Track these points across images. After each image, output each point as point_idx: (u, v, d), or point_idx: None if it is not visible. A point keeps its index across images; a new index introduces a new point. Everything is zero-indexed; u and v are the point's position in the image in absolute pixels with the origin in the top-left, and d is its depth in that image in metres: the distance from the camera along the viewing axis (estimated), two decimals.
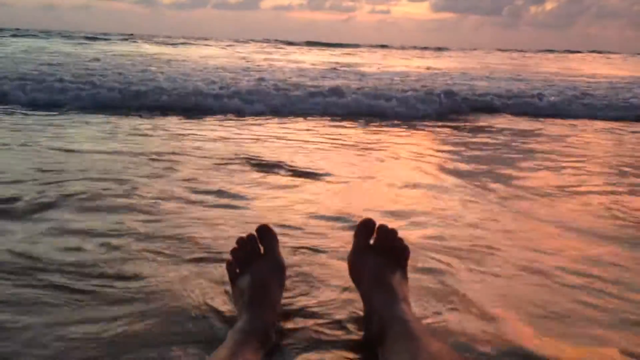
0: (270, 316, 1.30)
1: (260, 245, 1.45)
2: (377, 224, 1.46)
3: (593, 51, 40.66)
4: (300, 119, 5.68)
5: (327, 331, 1.39)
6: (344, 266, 1.52)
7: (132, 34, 31.61)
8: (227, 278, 1.48)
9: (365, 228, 1.46)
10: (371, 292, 1.33)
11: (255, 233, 1.46)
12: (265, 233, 1.46)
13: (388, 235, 1.43)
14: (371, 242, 1.46)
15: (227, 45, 22.02)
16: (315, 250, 1.95)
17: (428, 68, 14.26)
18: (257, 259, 1.42)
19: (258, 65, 11.60)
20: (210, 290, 1.58)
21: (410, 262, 1.44)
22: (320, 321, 1.43)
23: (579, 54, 35.40)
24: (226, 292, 1.56)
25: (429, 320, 1.44)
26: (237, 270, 1.43)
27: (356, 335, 1.37)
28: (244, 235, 1.46)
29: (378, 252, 1.41)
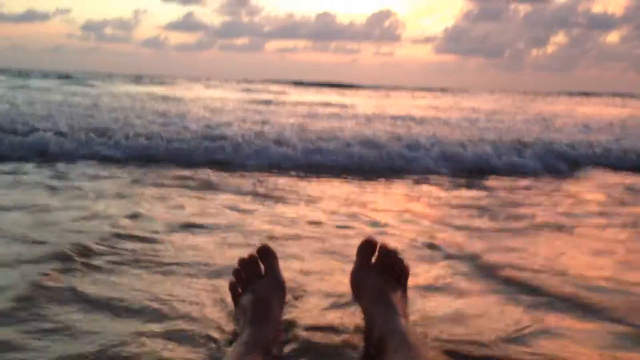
0: (272, 331, 1.34)
1: (261, 265, 1.50)
2: (379, 243, 1.50)
3: (587, 93, 40.68)
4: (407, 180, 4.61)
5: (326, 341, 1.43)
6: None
7: (139, 75, 32.16)
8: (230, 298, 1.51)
9: (367, 247, 1.50)
10: (372, 307, 1.38)
11: (256, 253, 1.51)
12: (265, 253, 1.51)
13: (389, 255, 1.48)
14: (373, 260, 1.50)
15: (242, 90, 21.68)
16: None
17: (473, 110, 13.91)
18: (259, 278, 1.47)
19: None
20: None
21: None
22: (319, 333, 1.47)
23: (599, 97, 34.27)
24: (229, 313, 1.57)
25: None
26: (240, 290, 1.47)
27: (353, 346, 1.40)
28: (245, 256, 1.51)
29: (379, 270, 1.46)
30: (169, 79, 29.58)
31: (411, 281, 1.55)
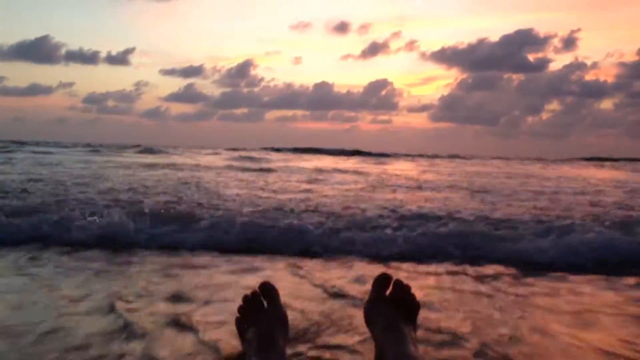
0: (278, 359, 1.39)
1: (263, 301, 1.57)
2: (394, 278, 1.56)
3: (593, 158, 40.54)
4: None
5: None
6: None
7: (139, 145, 32.70)
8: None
9: (382, 281, 1.56)
10: (384, 335, 1.43)
11: (258, 290, 1.58)
12: (267, 289, 1.57)
13: (403, 289, 1.54)
14: (387, 293, 1.56)
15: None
16: None
17: (508, 175, 13.29)
18: (262, 312, 1.54)
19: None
20: None
21: None
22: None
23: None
24: None
25: None
26: (245, 325, 1.52)
27: None
28: (248, 293, 1.58)
29: (392, 303, 1.52)
30: (170, 148, 29.88)
31: None
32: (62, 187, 6.15)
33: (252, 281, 2.54)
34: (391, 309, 1.49)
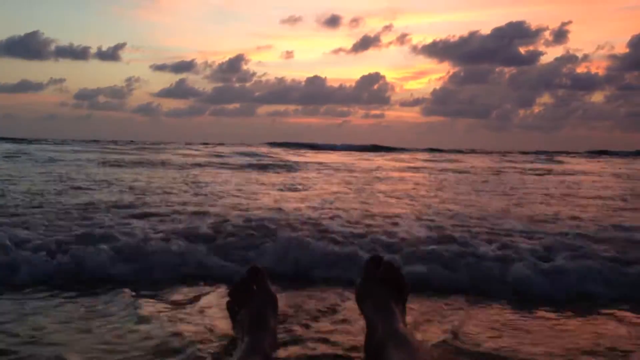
0: (268, 339, 1.44)
1: (253, 284, 1.63)
2: (384, 260, 1.64)
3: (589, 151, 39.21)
4: None
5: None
6: None
7: (132, 141, 32.60)
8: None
9: (373, 262, 1.64)
10: (374, 314, 1.48)
11: (247, 274, 1.64)
12: (256, 273, 1.64)
13: (393, 270, 1.61)
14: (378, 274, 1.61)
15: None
16: None
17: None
18: (252, 295, 1.60)
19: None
20: None
21: None
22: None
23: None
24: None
25: None
26: (236, 308, 1.59)
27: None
28: (238, 278, 1.66)
29: (383, 283, 1.57)
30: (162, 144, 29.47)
31: None
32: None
33: None
34: (382, 289, 1.55)
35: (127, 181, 6.45)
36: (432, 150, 36.65)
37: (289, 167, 11.03)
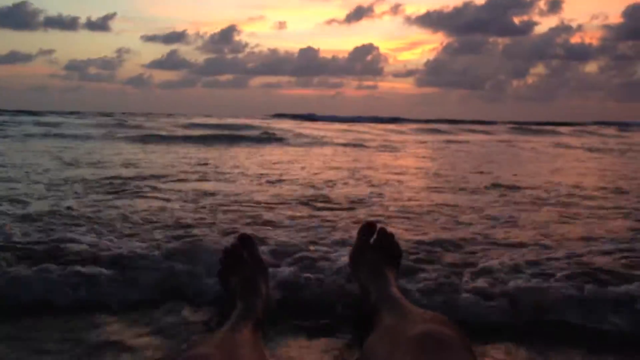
0: (260, 305, 1.45)
1: (243, 252, 1.63)
2: (379, 226, 1.65)
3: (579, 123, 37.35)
4: None
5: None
6: None
7: (124, 113, 32.23)
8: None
9: (367, 229, 1.64)
10: (368, 280, 1.51)
11: (237, 241, 1.64)
12: (246, 240, 1.64)
13: (386, 237, 1.62)
14: (371, 241, 1.64)
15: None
16: None
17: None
18: (243, 263, 1.60)
19: None
20: None
21: None
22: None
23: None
24: None
25: None
26: (227, 276, 1.59)
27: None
28: (228, 245, 1.66)
29: (376, 250, 1.60)
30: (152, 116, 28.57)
31: None
32: None
33: None
34: (375, 255, 1.58)
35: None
36: (451, 121, 33.88)
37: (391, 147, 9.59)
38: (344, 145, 9.92)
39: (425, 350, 0.94)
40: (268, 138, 11.10)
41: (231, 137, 10.98)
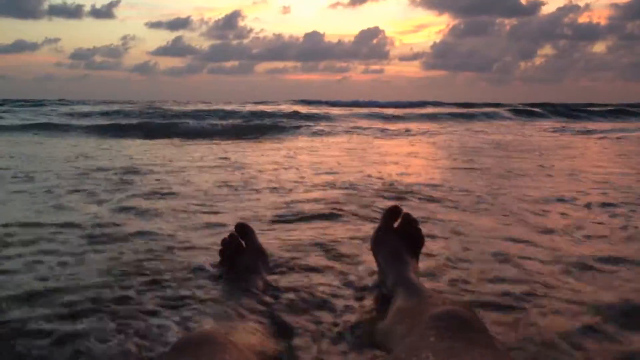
0: (261, 283, 1.53)
1: (242, 240, 1.66)
2: (404, 211, 1.64)
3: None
4: None
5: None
6: None
7: (131, 100, 32.15)
8: None
9: (392, 212, 1.64)
10: (387, 263, 1.52)
11: (235, 231, 1.66)
12: (243, 229, 1.67)
13: (411, 223, 1.61)
14: (395, 225, 1.63)
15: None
16: None
17: None
18: (242, 251, 1.63)
19: None
20: None
21: None
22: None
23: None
24: None
25: None
26: (227, 267, 1.61)
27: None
28: (226, 236, 1.65)
29: (399, 234, 1.60)
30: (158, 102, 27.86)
31: None
32: None
33: None
34: (397, 240, 1.58)
35: None
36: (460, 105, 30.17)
37: None
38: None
39: (449, 329, 0.91)
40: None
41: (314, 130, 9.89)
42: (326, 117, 13.57)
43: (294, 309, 1.41)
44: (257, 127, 10.27)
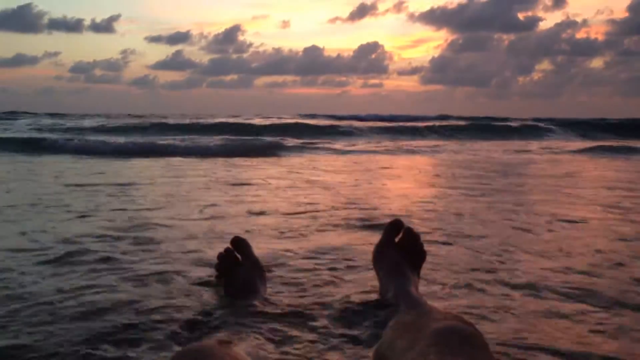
0: (258, 303, 1.51)
1: (237, 255, 1.65)
2: (406, 226, 1.63)
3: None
4: None
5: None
6: None
7: (129, 114, 32.20)
8: None
9: (394, 226, 1.62)
10: (388, 277, 1.52)
11: (231, 245, 1.65)
12: (239, 243, 1.66)
13: (412, 237, 1.60)
14: (397, 239, 1.62)
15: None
16: None
17: None
18: (239, 265, 1.63)
19: None
20: None
21: None
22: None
23: None
24: None
25: None
26: (224, 281, 1.61)
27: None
28: (222, 250, 1.64)
29: (400, 249, 1.58)
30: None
31: None
32: None
33: None
34: (398, 254, 1.56)
35: None
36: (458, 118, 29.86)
37: None
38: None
39: (450, 344, 0.91)
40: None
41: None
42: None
43: (291, 321, 1.40)
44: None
